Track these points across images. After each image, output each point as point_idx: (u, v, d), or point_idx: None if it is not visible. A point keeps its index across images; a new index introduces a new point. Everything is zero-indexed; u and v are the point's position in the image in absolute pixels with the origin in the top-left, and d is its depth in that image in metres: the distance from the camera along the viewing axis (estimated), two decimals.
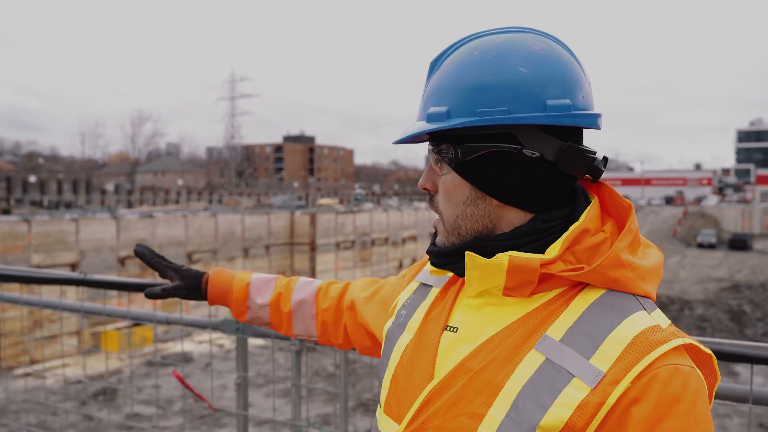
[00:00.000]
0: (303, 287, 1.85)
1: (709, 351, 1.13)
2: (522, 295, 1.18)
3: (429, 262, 1.39)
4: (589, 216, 1.20)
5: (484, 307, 1.21)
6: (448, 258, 1.26)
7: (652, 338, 1.06)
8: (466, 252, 1.19)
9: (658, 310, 1.16)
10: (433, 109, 1.19)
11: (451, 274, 1.33)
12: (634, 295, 1.15)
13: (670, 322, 1.14)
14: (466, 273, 1.20)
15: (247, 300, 1.86)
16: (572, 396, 1.04)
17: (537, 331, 1.14)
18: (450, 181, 1.23)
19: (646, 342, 1.05)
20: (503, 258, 1.15)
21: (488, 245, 1.21)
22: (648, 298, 1.17)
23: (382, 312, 1.62)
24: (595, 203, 1.24)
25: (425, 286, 1.42)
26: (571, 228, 1.18)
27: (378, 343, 1.65)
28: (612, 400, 1.02)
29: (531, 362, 1.10)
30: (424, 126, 1.19)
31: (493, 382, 1.11)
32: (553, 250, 1.17)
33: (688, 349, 1.11)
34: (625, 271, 1.14)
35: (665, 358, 1.04)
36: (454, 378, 1.16)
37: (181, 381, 2.69)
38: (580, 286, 1.17)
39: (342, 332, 1.78)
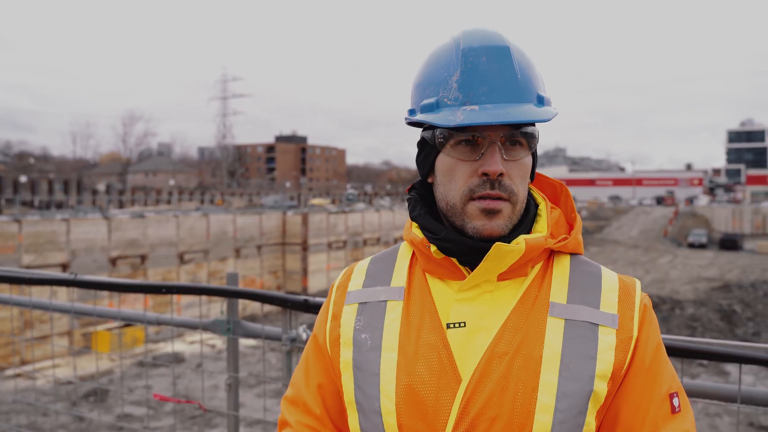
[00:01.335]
0: None
1: None
2: (521, 275, 1.31)
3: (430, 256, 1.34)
4: (544, 198, 1.42)
5: (481, 296, 1.29)
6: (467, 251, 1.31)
7: (628, 282, 1.35)
8: (497, 243, 1.25)
9: None
10: (543, 94, 1.31)
11: (403, 284, 1.37)
12: (581, 254, 1.40)
13: None
14: (485, 262, 1.26)
15: None
16: (608, 341, 1.25)
17: (543, 302, 1.29)
18: (529, 162, 1.33)
19: (628, 286, 1.34)
20: (521, 242, 1.27)
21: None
22: None
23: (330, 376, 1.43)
24: (532, 187, 1.45)
25: (376, 303, 1.38)
26: (544, 209, 1.38)
27: None
28: (635, 332, 1.28)
29: (555, 328, 1.26)
30: (550, 110, 1.29)
31: (532, 356, 1.23)
32: (542, 228, 1.35)
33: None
34: (580, 235, 1.39)
35: (642, 293, 1.34)
36: (489, 367, 1.22)
37: (166, 399, 2.69)
38: (550, 257, 1.36)
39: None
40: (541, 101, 1.29)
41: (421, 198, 1.42)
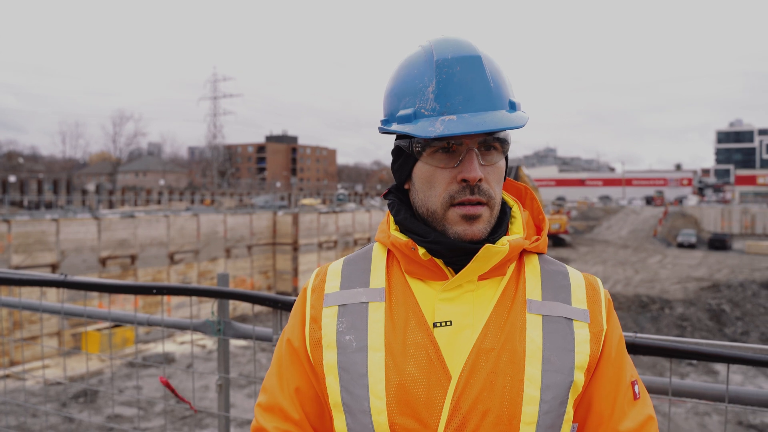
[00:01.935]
0: None
1: None
2: (500, 274, 1.37)
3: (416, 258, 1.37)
4: (516, 201, 1.48)
5: (463, 296, 1.33)
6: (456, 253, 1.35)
7: (592, 279, 1.44)
8: (486, 245, 1.31)
9: None
10: (514, 99, 1.36)
11: (382, 285, 1.39)
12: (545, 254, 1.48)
13: None
14: (473, 263, 1.31)
15: None
16: (582, 334, 1.34)
17: (520, 299, 1.36)
18: (503, 166, 1.39)
19: (592, 281, 1.43)
20: (505, 243, 1.34)
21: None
22: None
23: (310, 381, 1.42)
24: (503, 190, 1.50)
25: (357, 305, 1.38)
26: (518, 211, 1.46)
27: None
28: (605, 324, 1.37)
29: (535, 324, 1.33)
30: (523, 115, 1.34)
31: (517, 351, 1.29)
32: (518, 229, 1.42)
33: None
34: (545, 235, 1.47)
35: (603, 287, 1.44)
36: (477, 363, 1.28)
37: (168, 387, 2.68)
38: (521, 256, 1.43)
39: None
40: (512, 107, 1.34)
41: (401, 202, 1.44)
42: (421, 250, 1.34)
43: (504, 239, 1.35)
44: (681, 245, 53.17)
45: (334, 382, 1.33)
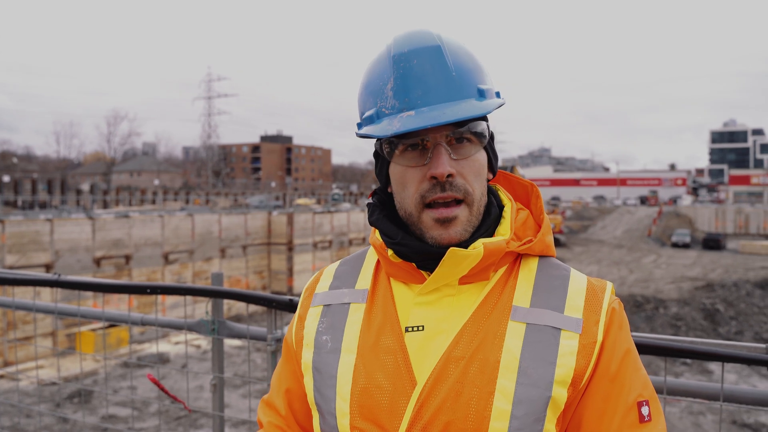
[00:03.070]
0: None
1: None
2: (483, 278, 1.28)
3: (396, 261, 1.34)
4: (510, 199, 1.39)
5: (442, 300, 1.27)
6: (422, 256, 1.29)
7: (598, 285, 1.31)
8: (452, 248, 1.22)
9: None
10: (483, 87, 1.27)
11: (367, 286, 1.37)
12: (552, 256, 1.37)
13: None
14: (440, 268, 1.24)
15: None
16: (569, 345, 1.22)
17: (505, 306, 1.26)
18: (482, 158, 1.30)
19: (596, 289, 1.30)
20: (479, 246, 1.24)
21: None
22: None
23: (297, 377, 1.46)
24: (500, 188, 1.43)
25: (339, 306, 1.38)
26: (509, 210, 1.36)
27: None
28: (600, 336, 1.24)
29: (515, 332, 1.22)
30: (491, 103, 1.25)
31: (489, 360, 1.20)
32: (505, 231, 1.32)
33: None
34: (550, 236, 1.37)
35: (612, 297, 1.30)
36: (445, 371, 1.20)
37: (156, 384, 2.67)
38: (517, 259, 1.34)
39: None
40: (482, 94, 1.25)
41: (381, 203, 1.40)
42: (390, 252, 1.31)
43: (479, 242, 1.24)
44: (675, 245, 53.26)
45: (310, 381, 1.34)
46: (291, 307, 2.56)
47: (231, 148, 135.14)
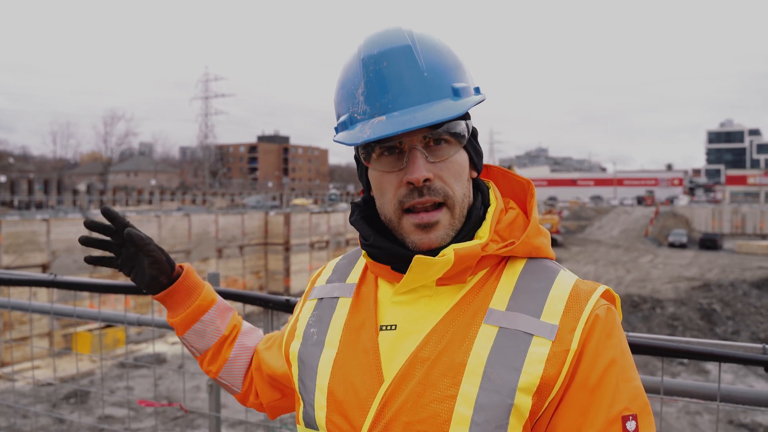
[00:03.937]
0: (249, 333, 1.73)
1: (615, 294, 1.28)
2: (460, 281, 1.25)
3: (366, 262, 1.38)
4: (497, 198, 1.34)
5: (418, 300, 1.25)
6: (390, 256, 1.28)
7: (584, 289, 1.22)
8: (417, 256, 1.19)
9: (564, 267, 1.32)
10: (458, 85, 1.22)
11: (355, 281, 1.38)
12: (547, 258, 1.31)
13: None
14: (409, 273, 1.22)
15: (204, 314, 1.63)
16: (539, 352, 1.15)
17: (480, 308, 1.22)
18: (462, 159, 1.26)
19: (582, 293, 1.21)
20: (449, 253, 1.21)
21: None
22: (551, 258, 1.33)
23: (281, 354, 1.57)
24: (492, 186, 1.37)
25: (330, 299, 1.40)
26: (492, 211, 1.30)
27: (287, 393, 1.61)
28: (575, 345, 1.16)
29: (486, 335, 1.18)
30: (466, 102, 1.20)
31: (455, 363, 1.17)
32: (484, 233, 1.27)
33: (604, 293, 1.26)
34: (542, 238, 1.30)
35: (598, 302, 1.21)
36: (410, 371, 1.19)
37: (151, 405, 2.67)
38: (503, 261, 1.29)
39: (254, 391, 1.70)
40: (457, 93, 1.21)
41: (366, 202, 1.39)
42: (363, 252, 1.33)
43: (450, 248, 1.21)
44: (672, 245, 53.28)
45: (295, 371, 1.37)
46: (288, 307, 2.55)
47: (228, 148, 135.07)
